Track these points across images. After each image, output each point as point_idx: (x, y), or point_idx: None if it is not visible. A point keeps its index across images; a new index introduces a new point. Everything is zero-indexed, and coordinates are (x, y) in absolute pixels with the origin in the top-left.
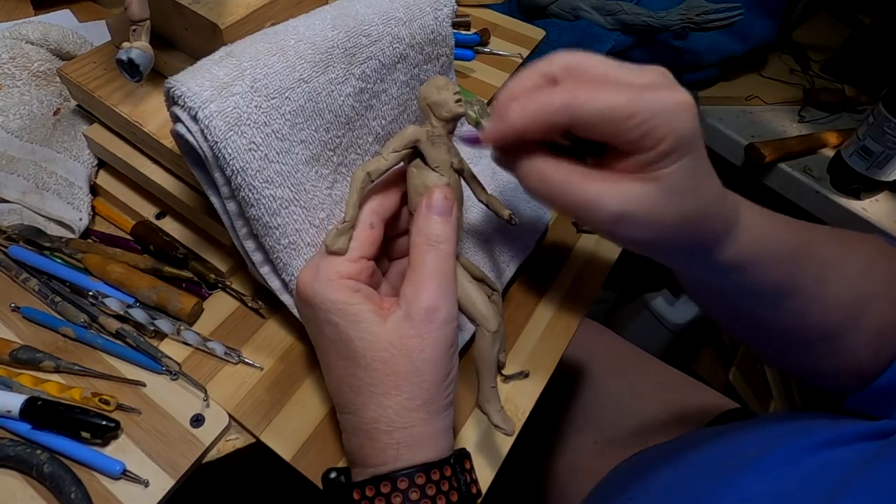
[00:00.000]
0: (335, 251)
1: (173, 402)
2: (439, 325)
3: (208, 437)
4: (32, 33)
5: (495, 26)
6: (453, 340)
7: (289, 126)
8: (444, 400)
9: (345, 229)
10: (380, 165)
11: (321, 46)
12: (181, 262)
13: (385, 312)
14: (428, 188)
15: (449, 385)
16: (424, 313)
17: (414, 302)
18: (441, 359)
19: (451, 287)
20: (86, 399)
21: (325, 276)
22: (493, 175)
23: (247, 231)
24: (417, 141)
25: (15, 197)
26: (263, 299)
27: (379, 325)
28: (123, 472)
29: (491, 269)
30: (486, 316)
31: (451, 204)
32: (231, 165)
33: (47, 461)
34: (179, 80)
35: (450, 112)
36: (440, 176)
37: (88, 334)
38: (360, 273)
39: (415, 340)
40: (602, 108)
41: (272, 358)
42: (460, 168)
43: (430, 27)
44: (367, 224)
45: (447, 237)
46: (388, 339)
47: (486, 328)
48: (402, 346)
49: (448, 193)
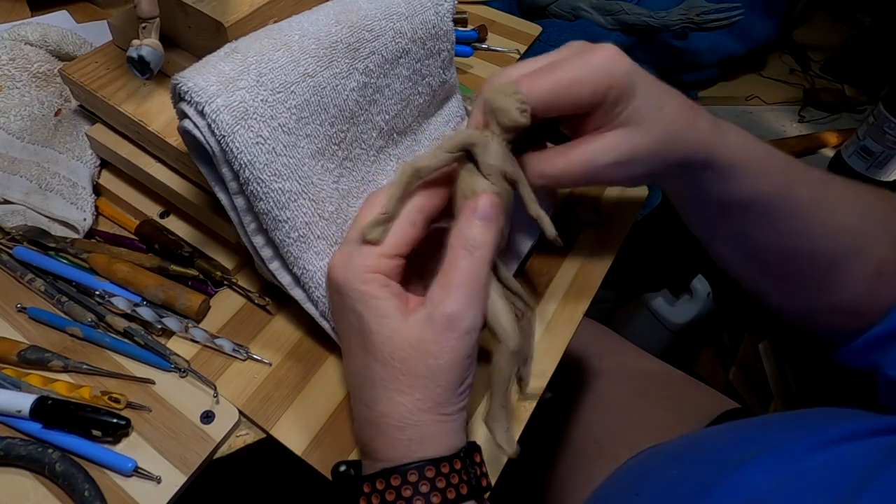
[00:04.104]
0: (370, 241)
1: (183, 399)
2: (460, 335)
3: (219, 433)
4: (31, 34)
5: (492, 23)
6: (472, 350)
7: (294, 120)
8: (457, 405)
9: (382, 221)
10: (430, 163)
11: (325, 41)
12: (187, 260)
13: (409, 311)
14: (475, 193)
15: (463, 391)
16: (447, 320)
17: (439, 306)
18: (457, 367)
19: (479, 296)
20: (95, 398)
21: (357, 265)
22: None
23: (255, 226)
24: (473, 144)
25: (18, 198)
26: (270, 295)
27: (401, 322)
28: (135, 470)
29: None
30: (509, 333)
31: (497, 212)
32: (239, 159)
33: (59, 460)
34: (186, 76)
35: (511, 121)
36: (491, 183)
37: (96, 333)
38: (392, 269)
39: (433, 345)
40: (548, 87)
41: (280, 354)
42: (514, 179)
43: (432, 22)
44: (410, 222)
45: (485, 244)
46: (407, 339)
47: (507, 345)
48: (419, 348)
49: (495, 201)
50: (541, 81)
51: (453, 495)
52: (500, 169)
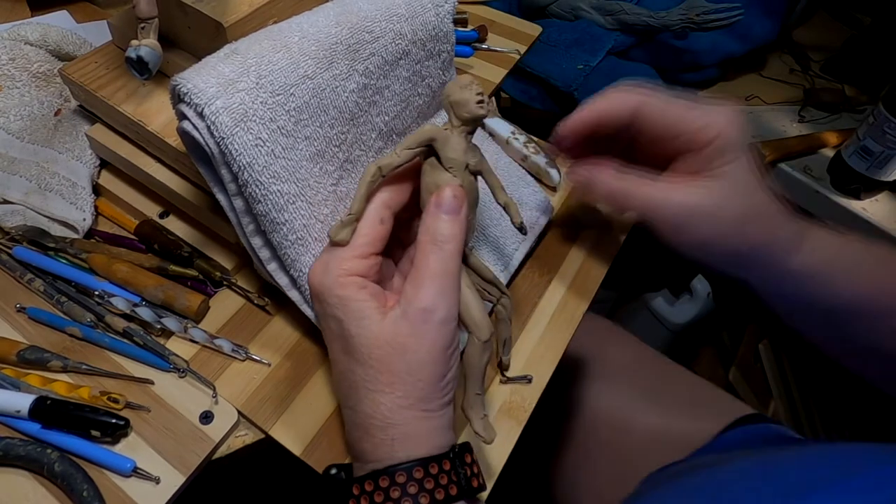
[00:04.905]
0: (337, 242)
1: (182, 400)
2: (436, 326)
3: (218, 433)
4: (31, 34)
5: (492, 23)
6: (450, 341)
7: (293, 122)
8: (440, 399)
9: (349, 221)
10: (391, 161)
11: (325, 43)
12: (186, 260)
13: (388, 310)
14: (439, 187)
15: (446, 385)
16: (421, 313)
17: (412, 301)
18: (437, 360)
19: (451, 287)
20: (94, 398)
21: (333, 271)
22: (496, 168)
23: (254, 228)
24: (433, 139)
25: (18, 198)
26: (269, 296)
27: (378, 322)
28: (134, 470)
29: (497, 261)
30: (479, 324)
31: (461, 203)
32: (238, 161)
33: (58, 460)
34: (185, 78)
35: (470, 113)
36: (453, 176)
37: (95, 333)
38: (369, 269)
39: (410, 340)
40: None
41: (279, 354)
42: (477, 169)
43: (432, 23)
44: (377, 220)
45: (453, 237)
46: (384, 338)
47: (477, 336)
48: (397, 344)
49: (458, 192)
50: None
51: (442, 496)
52: (462, 161)
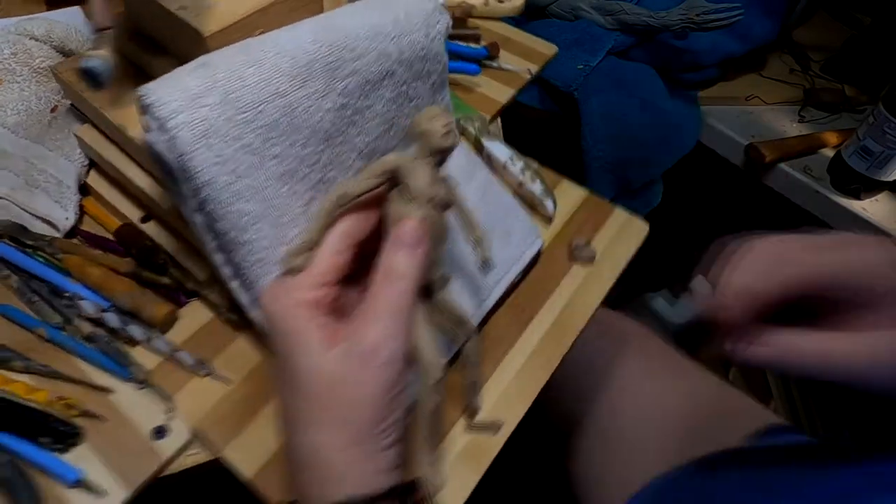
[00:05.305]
0: (290, 270)
1: (138, 412)
2: (379, 367)
3: (168, 450)
4: (37, 29)
5: (507, 40)
6: (393, 384)
7: (261, 140)
8: (380, 442)
9: (304, 248)
10: (354, 189)
11: (301, 60)
12: (160, 267)
13: (333, 344)
14: (400, 219)
15: (387, 429)
16: (364, 353)
17: (357, 340)
18: (376, 404)
19: (401, 326)
20: (50, 402)
21: (282, 299)
22: (483, 197)
23: (216, 245)
24: (398, 168)
25: (3, 192)
26: (238, 312)
27: (322, 357)
28: (78, 482)
29: (471, 297)
30: (429, 365)
31: (419, 238)
32: (197, 178)
33: (3, 465)
34: (150, 89)
35: (433, 145)
36: (416, 208)
37: (61, 336)
38: (320, 300)
39: (350, 379)
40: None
41: (241, 373)
42: (447, 202)
43: (421, 44)
44: (334, 251)
45: (407, 273)
46: (325, 374)
47: (428, 376)
48: (336, 381)
49: (419, 226)
50: (832, 254)
51: None
52: (427, 193)
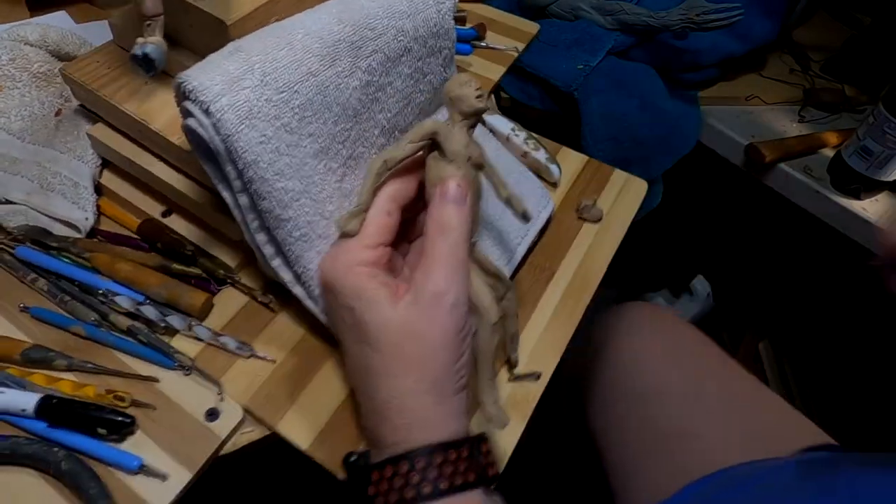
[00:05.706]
0: (346, 233)
1: (187, 398)
2: (447, 310)
3: (224, 430)
4: (31, 35)
5: (491, 21)
6: (462, 325)
7: (298, 119)
8: (454, 384)
9: (357, 212)
10: (396, 154)
11: (328, 40)
12: (189, 258)
13: (398, 297)
14: (443, 179)
15: (459, 370)
16: (432, 298)
17: (423, 287)
18: (449, 344)
19: (460, 273)
20: (100, 396)
21: (343, 263)
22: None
23: (258, 224)
24: (436, 133)
25: (20, 198)
26: (273, 293)
27: (391, 309)
28: (141, 467)
29: (501, 255)
30: (488, 307)
31: (465, 193)
32: (243, 158)
33: (65, 458)
34: (190, 75)
35: (470, 107)
36: (457, 168)
37: (100, 332)
38: (378, 260)
39: (422, 325)
40: None
41: (284, 351)
42: (479, 163)
43: (434, 20)
44: (385, 211)
45: (459, 225)
46: (397, 323)
47: (488, 318)
48: (410, 330)
49: (462, 183)
50: None
51: (461, 482)
52: (464, 154)
